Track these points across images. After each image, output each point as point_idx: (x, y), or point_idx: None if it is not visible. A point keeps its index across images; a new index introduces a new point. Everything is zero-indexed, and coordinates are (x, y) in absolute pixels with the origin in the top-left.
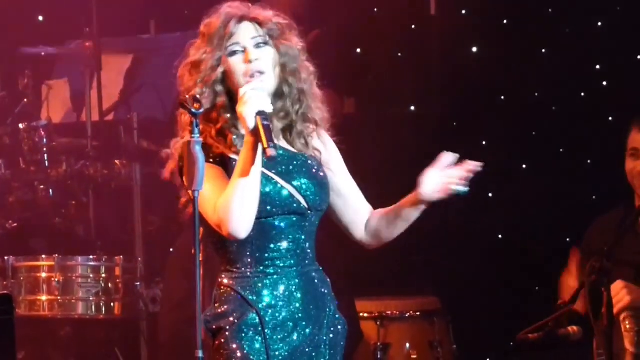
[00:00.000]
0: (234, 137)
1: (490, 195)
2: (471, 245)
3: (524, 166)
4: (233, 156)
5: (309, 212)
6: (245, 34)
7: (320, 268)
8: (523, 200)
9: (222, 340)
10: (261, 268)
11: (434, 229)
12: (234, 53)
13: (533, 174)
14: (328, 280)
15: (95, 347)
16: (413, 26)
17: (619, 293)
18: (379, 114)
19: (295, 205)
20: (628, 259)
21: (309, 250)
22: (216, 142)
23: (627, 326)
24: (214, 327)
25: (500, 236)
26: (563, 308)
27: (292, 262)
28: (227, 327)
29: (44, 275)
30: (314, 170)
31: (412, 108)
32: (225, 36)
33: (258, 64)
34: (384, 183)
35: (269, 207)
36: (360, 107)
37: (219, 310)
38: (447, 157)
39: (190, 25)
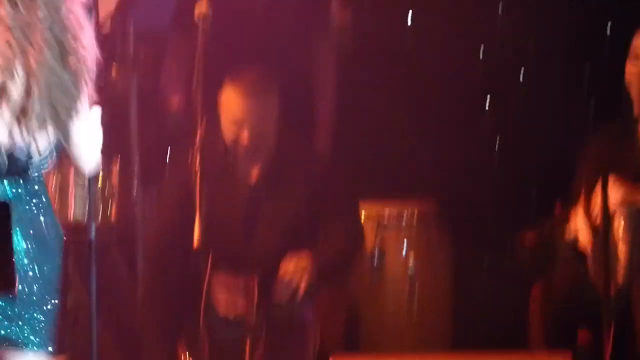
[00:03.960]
0: None
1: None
2: (470, 148)
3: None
4: None
5: None
6: None
7: None
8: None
9: None
10: None
11: (431, 132)
12: None
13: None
14: None
15: None
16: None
17: (612, 188)
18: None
19: None
20: (627, 169)
21: None
22: None
23: (622, 232)
24: None
25: (498, 139)
26: (561, 213)
27: None
28: None
29: None
30: None
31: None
32: None
33: None
34: None
35: None
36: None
37: None
38: None
39: None
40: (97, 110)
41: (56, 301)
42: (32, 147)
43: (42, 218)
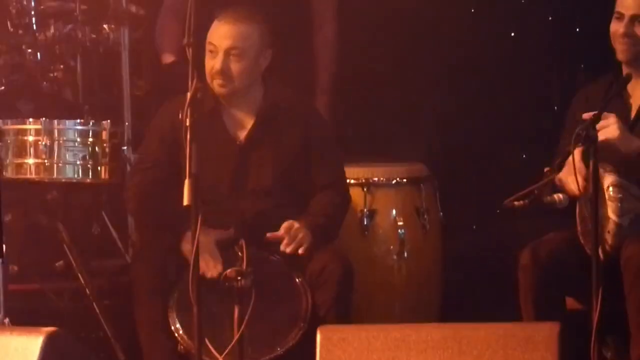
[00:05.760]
0: None
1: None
2: (460, 113)
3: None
4: None
5: None
6: None
7: None
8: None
9: None
10: None
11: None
12: None
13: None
14: None
15: (82, 210)
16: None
17: (610, 124)
18: None
19: None
20: None
21: None
22: None
23: (611, 194)
24: None
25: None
26: (549, 176)
27: None
28: None
29: (31, 138)
30: None
31: None
32: None
33: None
34: None
35: None
36: None
37: None
38: None
39: None
40: None
41: None
42: None
43: None
